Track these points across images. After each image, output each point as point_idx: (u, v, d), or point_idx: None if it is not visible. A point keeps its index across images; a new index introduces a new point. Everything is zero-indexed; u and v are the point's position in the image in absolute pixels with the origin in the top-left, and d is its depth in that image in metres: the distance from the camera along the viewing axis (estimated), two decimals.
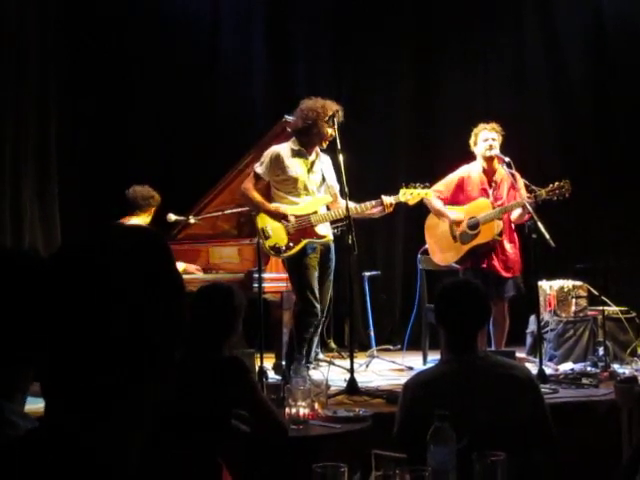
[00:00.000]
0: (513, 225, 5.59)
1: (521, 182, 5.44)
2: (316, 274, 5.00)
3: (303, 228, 5.00)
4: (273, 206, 5.05)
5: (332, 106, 5.00)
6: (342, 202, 4.92)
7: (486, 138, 5.52)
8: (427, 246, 5.83)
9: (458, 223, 5.55)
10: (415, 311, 6.05)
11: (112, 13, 7.13)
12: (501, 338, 5.54)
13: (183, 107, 7.27)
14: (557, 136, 7.72)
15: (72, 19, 6.96)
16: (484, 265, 5.50)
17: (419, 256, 5.98)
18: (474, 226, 5.52)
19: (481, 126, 5.58)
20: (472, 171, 5.64)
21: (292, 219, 4.97)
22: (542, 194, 5.23)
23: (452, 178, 5.67)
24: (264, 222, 5.05)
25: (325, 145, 5.11)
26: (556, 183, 5.25)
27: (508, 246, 5.54)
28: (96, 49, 7.08)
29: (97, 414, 1.05)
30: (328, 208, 5.16)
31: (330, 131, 4.98)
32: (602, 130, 7.68)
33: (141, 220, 5.51)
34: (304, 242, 5.00)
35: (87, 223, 5.68)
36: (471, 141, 5.61)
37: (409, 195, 5.07)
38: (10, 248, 5.54)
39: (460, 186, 5.63)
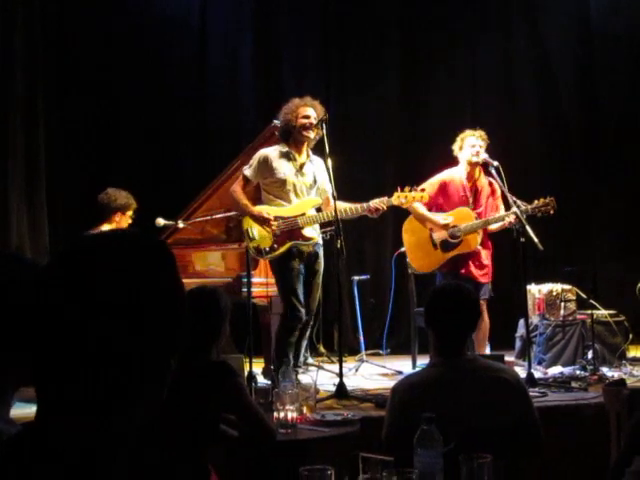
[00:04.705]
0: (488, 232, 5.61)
1: (499, 192, 5.45)
2: (302, 278, 4.97)
3: (289, 230, 4.98)
4: (257, 210, 4.99)
5: (303, 104, 4.98)
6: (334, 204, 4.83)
7: (473, 144, 5.50)
8: (404, 249, 5.78)
9: (446, 227, 5.52)
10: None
11: (98, 23, 7.11)
12: (482, 340, 5.53)
13: (172, 112, 7.25)
14: (544, 142, 7.75)
15: (59, 29, 6.93)
16: (462, 271, 5.52)
17: (408, 260, 5.93)
18: (456, 235, 5.51)
19: (468, 132, 5.56)
20: (455, 175, 5.62)
21: (275, 225, 4.93)
22: (527, 210, 5.22)
23: (435, 181, 5.63)
24: (249, 224, 5.02)
25: (312, 145, 5.09)
26: (541, 200, 5.25)
27: (483, 253, 5.58)
28: (84, 55, 7.06)
29: (94, 416, 1.05)
30: (319, 210, 5.13)
31: (312, 134, 4.97)
32: (589, 136, 7.74)
33: (117, 225, 5.41)
34: (289, 244, 4.96)
35: (75, 230, 5.63)
36: (456, 146, 5.59)
37: (403, 199, 5.00)
38: None
39: (442, 189, 5.60)
